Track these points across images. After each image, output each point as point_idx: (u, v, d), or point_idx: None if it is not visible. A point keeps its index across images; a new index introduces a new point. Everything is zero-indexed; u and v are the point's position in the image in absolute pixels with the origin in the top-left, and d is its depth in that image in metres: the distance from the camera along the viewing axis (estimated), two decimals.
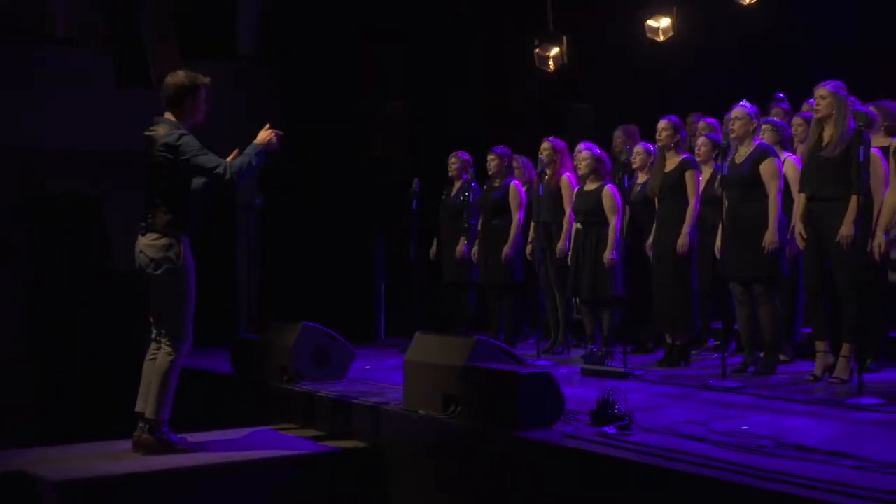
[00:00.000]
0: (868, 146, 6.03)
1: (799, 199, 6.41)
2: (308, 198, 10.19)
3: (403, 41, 10.60)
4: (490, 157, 8.70)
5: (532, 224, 8.40)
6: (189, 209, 5.40)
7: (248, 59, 10.26)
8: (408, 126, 10.38)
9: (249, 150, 5.47)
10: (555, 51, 10.16)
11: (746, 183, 6.65)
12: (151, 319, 5.51)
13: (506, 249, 8.45)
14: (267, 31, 10.27)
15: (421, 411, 5.60)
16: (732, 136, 6.76)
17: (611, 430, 4.85)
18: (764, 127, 7.06)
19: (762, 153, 6.67)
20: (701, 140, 7.69)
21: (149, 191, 5.42)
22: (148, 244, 5.36)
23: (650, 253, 7.53)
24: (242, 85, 10.17)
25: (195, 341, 5.51)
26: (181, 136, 5.32)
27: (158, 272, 5.34)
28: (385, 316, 10.18)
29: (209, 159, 5.32)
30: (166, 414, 5.42)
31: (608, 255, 7.64)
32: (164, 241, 5.33)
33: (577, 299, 8.25)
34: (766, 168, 6.61)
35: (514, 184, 8.61)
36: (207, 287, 5.68)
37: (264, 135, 5.54)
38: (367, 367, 7.77)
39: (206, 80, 5.50)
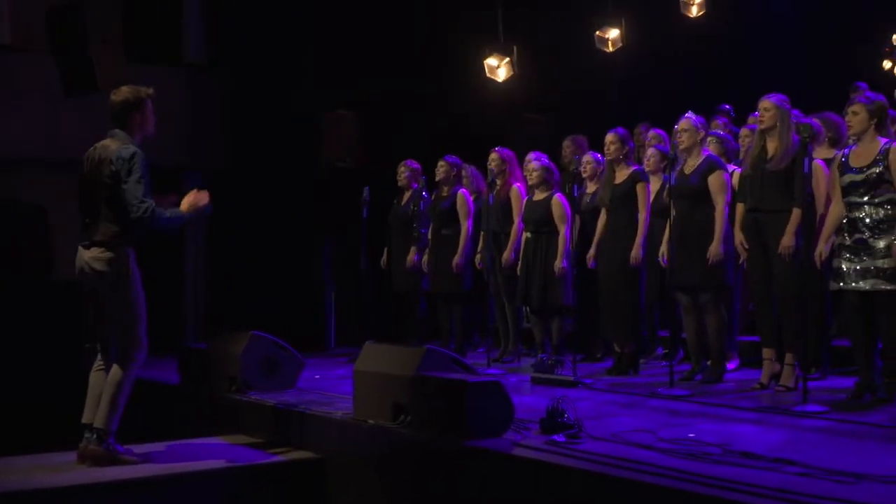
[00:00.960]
0: (811, 158, 6.12)
1: (739, 209, 6.49)
2: (257, 206, 10.12)
3: (353, 49, 10.57)
4: (440, 164, 8.73)
5: (482, 233, 8.42)
6: (134, 221, 5.32)
7: (194, 66, 10.17)
8: (357, 134, 10.36)
9: (175, 211, 5.40)
10: (505, 61, 10.20)
11: (695, 194, 6.72)
12: (98, 332, 5.44)
13: (455, 258, 8.47)
14: (214, 39, 10.19)
15: (370, 421, 5.58)
16: (680, 147, 6.83)
17: (560, 438, 4.87)
18: (709, 139, 7.14)
19: (711, 165, 6.75)
20: (650, 151, 7.78)
21: (90, 203, 5.34)
22: (94, 258, 5.29)
23: (591, 264, 7.57)
24: (189, 92, 10.09)
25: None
26: (135, 153, 5.26)
27: (107, 286, 5.27)
28: (335, 325, 10.13)
29: (142, 190, 5.23)
30: (115, 424, 5.35)
31: (558, 263, 7.68)
32: (109, 254, 5.27)
33: (527, 308, 8.28)
34: (714, 180, 6.69)
35: (461, 192, 8.63)
36: (154, 296, 5.61)
37: (190, 202, 5.45)
38: (317, 376, 7.72)
39: (150, 91, 5.45)
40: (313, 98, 10.50)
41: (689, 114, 6.96)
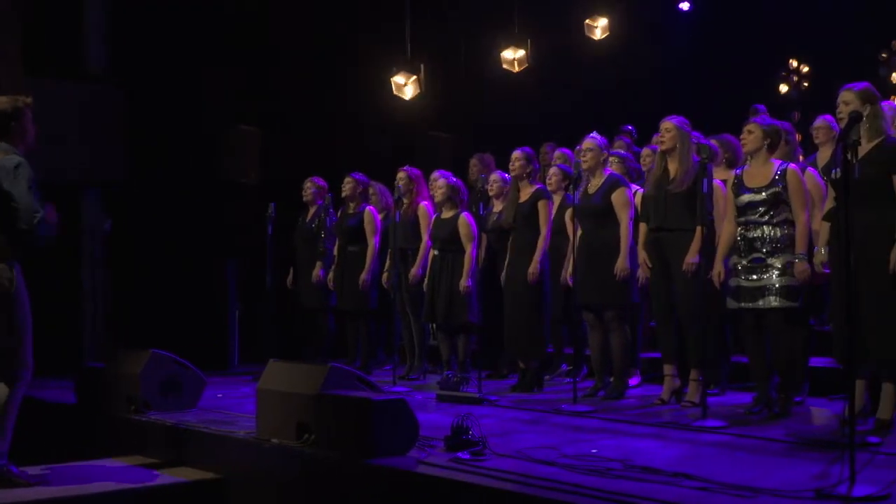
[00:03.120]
0: (711, 178, 6.27)
1: (641, 229, 6.61)
2: (159, 222, 9.94)
3: (258, 64, 10.48)
4: (346, 181, 8.71)
5: (389, 251, 8.41)
6: (24, 232, 5.15)
7: (94, 79, 9.95)
8: (261, 150, 10.26)
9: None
10: (412, 79, 10.24)
11: (599, 213, 6.82)
12: None
13: (362, 275, 8.45)
14: (115, 52, 9.99)
15: (273, 440, 5.50)
16: (584, 166, 6.93)
17: (465, 455, 4.87)
18: (610, 159, 7.26)
19: (614, 184, 6.86)
20: (552, 170, 7.88)
21: None
22: None
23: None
24: (89, 105, 9.86)
25: (36, 371, 5.28)
26: (20, 163, 5.10)
27: None
28: (238, 343, 9.98)
29: (34, 199, 5.08)
30: (5, 446, 5.18)
31: (464, 282, 7.71)
32: None
33: (433, 325, 8.29)
34: (617, 198, 6.80)
35: (368, 209, 8.62)
36: (51, 314, 5.45)
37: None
38: (220, 395, 7.60)
39: (28, 100, 5.30)
40: (217, 113, 10.38)
41: (594, 134, 7.07)
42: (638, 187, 7.21)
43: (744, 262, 5.90)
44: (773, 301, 5.77)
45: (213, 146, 10.21)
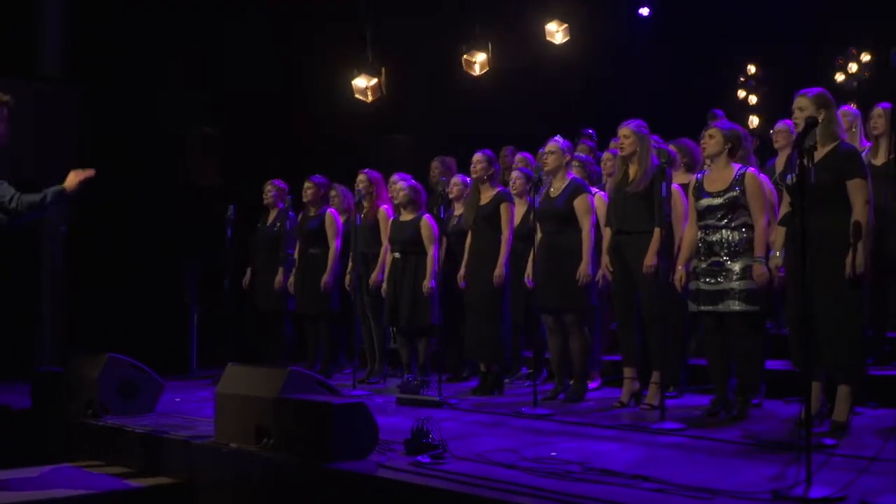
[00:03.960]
0: (670, 182, 6.32)
1: (606, 233, 6.65)
2: (116, 224, 9.84)
3: (219, 66, 10.42)
4: (307, 185, 8.68)
5: (350, 254, 8.39)
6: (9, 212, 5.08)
7: (50, 79, 9.84)
8: (221, 152, 10.20)
9: (51, 190, 5.21)
10: (373, 81, 10.23)
11: (561, 216, 6.85)
12: None
13: (325, 278, 8.42)
14: (72, 53, 9.88)
15: (232, 444, 5.46)
16: (546, 170, 6.96)
17: (425, 459, 4.86)
18: (573, 163, 7.28)
19: (576, 188, 6.88)
20: (514, 174, 7.89)
21: None
22: None
23: (462, 284, 7.63)
24: (45, 106, 9.74)
25: None
26: None
27: None
28: (197, 346, 9.91)
29: (3, 191, 5.03)
30: None
31: (426, 284, 7.70)
32: None
33: (394, 328, 8.28)
34: (580, 203, 6.83)
35: (330, 212, 8.59)
36: (7, 317, 5.38)
37: (74, 179, 5.27)
38: (178, 399, 7.55)
39: (6, 98, 5.22)
40: (177, 114, 10.30)
41: (557, 137, 7.09)
42: (598, 191, 7.25)
43: (703, 266, 5.95)
44: (734, 305, 5.83)
45: (173, 148, 10.13)
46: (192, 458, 5.70)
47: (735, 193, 5.87)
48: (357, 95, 10.28)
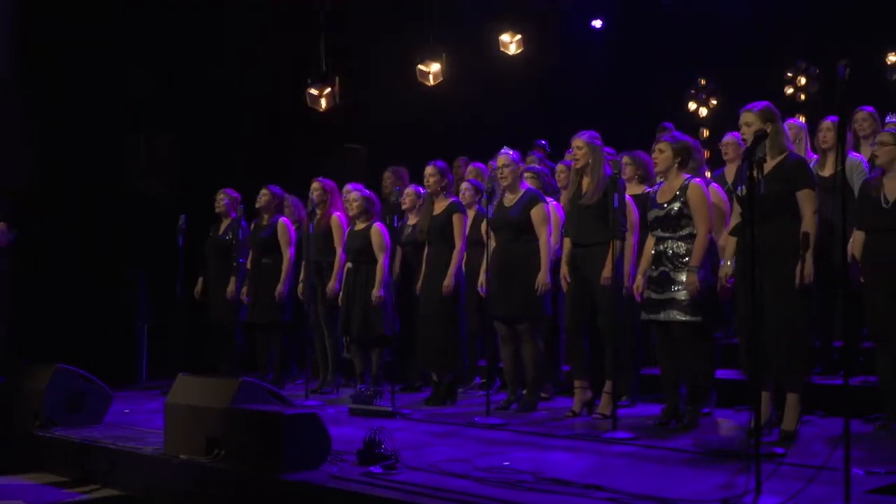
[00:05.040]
0: (623, 193, 6.36)
1: (565, 244, 6.68)
2: (66, 231, 9.71)
3: (171, 73, 10.33)
4: (263, 192, 8.64)
5: (303, 263, 8.35)
6: None
7: (0, 81, 9.70)
8: (173, 160, 10.10)
9: None
10: (327, 91, 10.20)
11: (517, 226, 6.87)
12: None
13: (278, 287, 8.37)
14: (23, 54, 9.74)
15: (182, 456, 5.41)
16: (504, 183, 6.96)
17: (377, 469, 4.85)
18: (526, 174, 7.31)
19: (532, 199, 6.90)
20: (464, 185, 7.91)
21: None
22: None
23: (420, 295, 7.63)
24: None
25: None
26: None
27: None
28: (147, 357, 9.79)
29: None
30: None
31: (376, 292, 7.68)
32: None
33: (347, 338, 8.25)
34: (536, 213, 6.85)
35: (282, 221, 8.54)
36: None
37: None
38: (127, 410, 7.46)
39: None
40: (128, 121, 10.19)
41: (506, 149, 7.10)
42: (553, 201, 7.28)
43: (654, 275, 6.01)
44: (677, 314, 5.88)
45: (124, 155, 10.02)
46: (141, 470, 5.64)
47: (678, 205, 5.93)
48: (311, 104, 10.24)
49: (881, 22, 10.18)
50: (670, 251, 5.95)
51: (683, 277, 5.88)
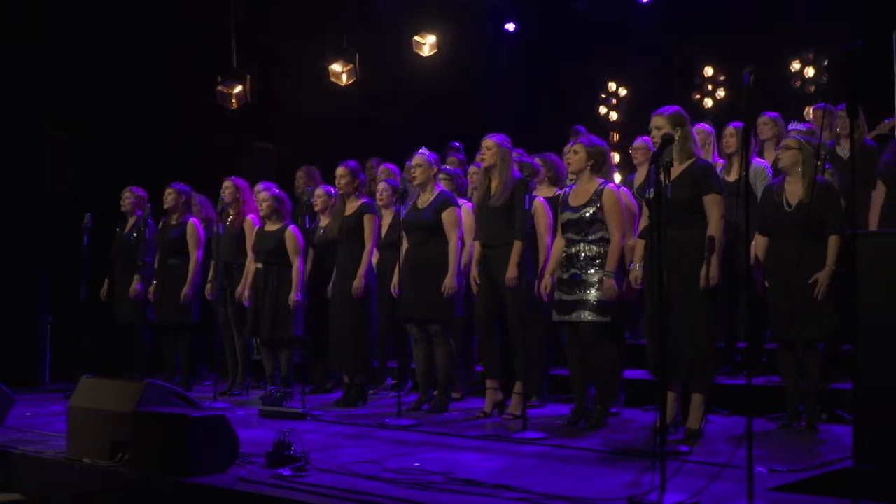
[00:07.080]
0: (532, 195, 6.41)
1: (475, 246, 6.70)
2: None
3: (76, 70, 10.08)
4: (168, 191, 8.47)
5: (212, 263, 8.22)
6: None
7: None
8: (72, 157, 9.85)
9: None
10: (238, 89, 10.09)
11: (429, 228, 6.87)
12: None
13: (185, 289, 8.23)
14: None
15: (86, 460, 5.29)
16: (415, 183, 6.96)
17: (286, 471, 4.80)
18: (440, 176, 7.32)
19: (445, 201, 6.91)
20: (381, 186, 7.88)
21: None
22: None
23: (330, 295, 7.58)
24: None
25: None
26: None
27: None
28: (50, 358, 9.54)
29: None
30: None
31: (293, 296, 7.60)
32: None
33: (257, 340, 8.15)
34: (447, 216, 6.85)
35: (192, 221, 8.41)
36: None
37: None
38: (29, 413, 7.27)
39: None
40: (30, 118, 9.92)
41: (423, 150, 7.12)
42: (467, 202, 7.30)
43: (564, 277, 6.06)
44: (587, 315, 5.95)
45: (22, 152, 9.75)
46: (42, 474, 5.51)
47: (592, 209, 6.00)
48: (221, 102, 10.10)
49: (788, 30, 10.44)
50: (583, 254, 6.02)
51: (595, 279, 5.94)
